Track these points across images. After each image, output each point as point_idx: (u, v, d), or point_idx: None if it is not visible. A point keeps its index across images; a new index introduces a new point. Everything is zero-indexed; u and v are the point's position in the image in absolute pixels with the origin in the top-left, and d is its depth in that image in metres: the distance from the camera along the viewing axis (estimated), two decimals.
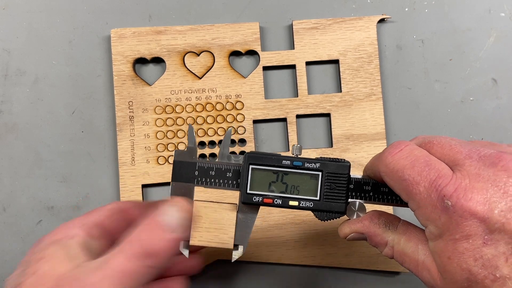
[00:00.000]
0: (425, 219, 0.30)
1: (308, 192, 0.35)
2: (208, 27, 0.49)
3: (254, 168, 0.35)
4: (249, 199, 0.35)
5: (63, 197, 0.48)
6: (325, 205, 0.34)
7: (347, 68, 0.49)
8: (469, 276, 0.28)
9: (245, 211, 0.36)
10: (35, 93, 0.49)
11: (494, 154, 0.29)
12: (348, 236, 0.35)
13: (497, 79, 0.50)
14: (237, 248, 0.36)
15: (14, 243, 0.48)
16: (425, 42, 0.50)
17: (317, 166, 0.34)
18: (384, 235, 0.34)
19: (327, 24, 0.49)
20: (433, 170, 0.30)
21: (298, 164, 0.34)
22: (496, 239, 0.28)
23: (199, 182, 0.35)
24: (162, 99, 0.48)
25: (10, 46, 0.49)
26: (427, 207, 0.29)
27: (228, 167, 0.36)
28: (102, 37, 0.50)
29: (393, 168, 0.31)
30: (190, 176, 0.35)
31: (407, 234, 0.33)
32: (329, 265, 0.48)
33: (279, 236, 0.48)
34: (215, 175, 0.35)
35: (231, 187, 0.35)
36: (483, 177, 0.29)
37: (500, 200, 0.28)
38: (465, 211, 0.28)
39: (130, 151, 0.48)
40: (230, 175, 0.35)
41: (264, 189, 0.35)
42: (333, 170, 0.34)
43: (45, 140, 0.49)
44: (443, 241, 0.29)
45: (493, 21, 0.51)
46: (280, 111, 0.49)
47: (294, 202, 0.35)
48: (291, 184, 0.35)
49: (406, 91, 0.50)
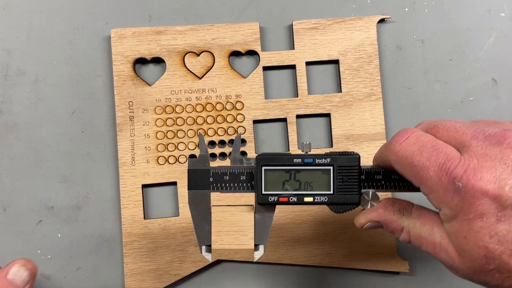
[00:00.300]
0: (438, 202, 0.31)
1: (321, 187, 0.35)
2: (208, 27, 0.49)
3: (266, 169, 0.35)
4: (265, 199, 0.35)
5: (63, 197, 0.48)
6: (340, 198, 0.35)
7: (347, 68, 0.49)
8: (487, 253, 0.29)
9: (262, 212, 0.36)
10: (35, 93, 0.49)
11: (499, 133, 0.30)
12: (364, 226, 0.36)
13: (497, 79, 0.50)
14: (258, 248, 0.37)
15: (14, 243, 0.48)
16: (425, 42, 0.50)
17: (327, 161, 0.35)
18: (399, 221, 0.34)
19: (327, 24, 0.49)
20: (441, 154, 0.30)
21: (309, 161, 0.35)
22: (509, 214, 0.28)
23: (214, 188, 0.36)
24: (162, 99, 0.48)
25: (10, 46, 0.49)
26: (439, 191, 0.30)
27: (241, 171, 0.36)
28: (102, 37, 0.50)
29: (402, 155, 0.32)
30: (206, 183, 0.36)
31: (421, 218, 0.33)
32: (329, 265, 0.48)
33: (279, 236, 0.48)
34: (229, 180, 0.36)
35: (246, 189, 0.36)
36: (491, 156, 0.29)
37: (510, 176, 0.28)
38: (477, 191, 0.29)
39: (130, 151, 0.48)
40: (244, 178, 0.36)
41: (279, 188, 0.35)
42: (343, 164, 0.35)
43: (45, 140, 0.49)
44: (458, 221, 0.30)
45: (493, 21, 0.51)
46: (280, 111, 0.49)
47: (309, 198, 0.35)
48: (304, 181, 0.35)
49: (406, 91, 0.50)
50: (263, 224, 0.37)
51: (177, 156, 0.48)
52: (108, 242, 0.48)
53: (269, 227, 0.37)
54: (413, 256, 0.49)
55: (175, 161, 0.48)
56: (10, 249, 0.48)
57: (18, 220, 0.48)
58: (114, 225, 0.48)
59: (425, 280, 0.49)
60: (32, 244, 0.48)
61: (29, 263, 0.39)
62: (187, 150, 0.48)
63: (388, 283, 0.48)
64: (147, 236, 0.47)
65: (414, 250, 0.49)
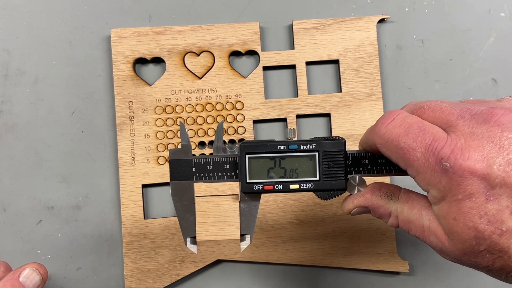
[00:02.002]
0: (426, 184, 0.30)
1: (307, 174, 0.35)
2: (208, 27, 0.49)
3: (250, 157, 0.35)
4: (250, 188, 0.35)
5: (63, 197, 0.48)
6: (326, 184, 0.35)
7: (347, 68, 0.49)
8: (477, 234, 0.29)
9: (247, 201, 0.36)
10: (35, 93, 0.49)
11: (485, 111, 0.29)
12: (352, 211, 0.36)
13: (497, 79, 0.50)
14: (244, 238, 0.36)
15: (14, 243, 0.48)
16: (425, 42, 0.50)
17: (312, 146, 0.35)
18: (387, 206, 0.34)
19: (327, 24, 0.49)
20: (427, 134, 0.30)
21: (294, 147, 0.35)
22: (498, 193, 0.28)
23: (197, 178, 0.35)
24: (162, 99, 0.48)
25: (10, 46, 0.49)
26: (427, 172, 0.30)
27: (225, 159, 0.35)
28: (102, 37, 0.50)
29: (388, 138, 0.31)
30: (188, 173, 0.35)
31: (409, 202, 0.33)
32: (329, 265, 0.48)
33: (279, 236, 0.48)
34: (213, 169, 0.35)
35: (230, 178, 0.35)
36: (478, 135, 0.29)
37: (497, 155, 0.28)
38: (465, 171, 0.28)
39: (130, 151, 0.48)
40: (228, 167, 0.35)
41: (263, 176, 0.35)
42: (329, 149, 0.34)
43: (45, 140, 0.49)
44: (447, 203, 0.29)
45: (493, 21, 0.51)
46: (280, 111, 0.49)
47: (295, 185, 0.35)
48: (290, 168, 0.35)
49: (406, 91, 0.50)
50: (248, 213, 0.36)
51: None
52: (108, 242, 0.48)
53: (255, 216, 0.36)
54: (413, 256, 0.49)
55: None
56: (10, 249, 0.48)
57: (18, 220, 0.48)
58: (114, 225, 0.48)
59: (425, 280, 0.49)
60: (32, 244, 0.48)
61: (41, 268, 0.40)
62: None
63: (388, 283, 0.48)
64: (147, 236, 0.47)
65: (414, 250, 0.49)
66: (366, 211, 0.35)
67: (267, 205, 0.48)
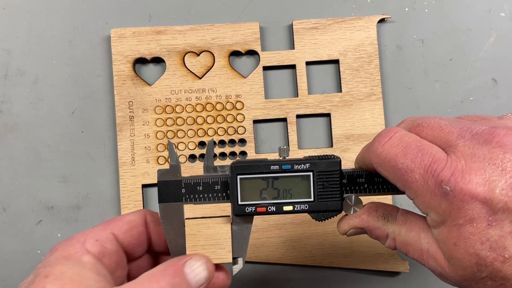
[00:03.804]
0: (425, 207, 0.29)
1: (301, 195, 0.33)
2: (208, 27, 0.49)
3: (242, 178, 0.33)
4: (242, 210, 0.33)
5: (63, 197, 0.48)
6: (321, 205, 0.33)
7: (347, 68, 0.49)
8: (478, 261, 0.28)
9: (239, 223, 0.34)
10: (35, 93, 0.49)
11: (486, 131, 0.28)
12: (347, 233, 0.34)
13: (497, 79, 0.50)
14: (237, 261, 0.35)
15: (14, 243, 0.48)
16: (425, 42, 0.50)
17: (307, 166, 0.33)
18: (384, 228, 0.33)
19: (327, 24, 0.49)
20: (426, 155, 0.28)
21: (287, 167, 0.33)
22: (500, 219, 0.27)
23: (187, 200, 0.34)
24: (162, 99, 0.48)
25: (10, 46, 0.49)
26: (426, 195, 0.28)
27: (216, 180, 0.34)
28: (102, 37, 0.50)
29: (385, 157, 0.30)
30: (178, 194, 0.34)
31: (407, 224, 0.32)
32: (329, 265, 0.48)
33: (279, 236, 0.48)
34: (203, 190, 0.34)
35: (222, 200, 0.34)
36: (479, 156, 0.27)
37: (500, 178, 0.27)
38: (466, 195, 0.27)
39: (130, 151, 0.48)
40: (219, 188, 0.34)
41: (256, 197, 0.33)
42: (324, 168, 0.33)
43: (45, 140, 0.49)
44: (447, 227, 0.28)
45: (493, 21, 0.51)
46: (280, 111, 0.49)
47: (289, 207, 0.33)
48: (283, 188, 0.33)
49: (406, 91, 0.50)
50: (241, 235, 0.34)
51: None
52: None
53: (247, 238, 0.34)
54: None
55: None
56: (10, 249, 0.48)
57: (18, 220, 0.48)
58: None
59: (425, 280, 0.49)
60: (32, 244, 0.48)
61: (210, 264, 0.32)
62: (187, 150, 0.48)
63: (388, 283, 0.48)
64: None
65: None
66: (362, 232, 0.34)
67: None
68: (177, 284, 0.30)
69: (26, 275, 0.48)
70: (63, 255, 0.31)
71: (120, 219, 0.34)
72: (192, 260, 0.31)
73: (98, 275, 0.30)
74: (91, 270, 0.30)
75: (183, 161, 0.48)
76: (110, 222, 0.34)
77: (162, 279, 0.30)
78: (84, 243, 0.32)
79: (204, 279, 0.31)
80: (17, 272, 0.48)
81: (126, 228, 0.34)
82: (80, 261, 0.31)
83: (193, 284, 0.31)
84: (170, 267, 0.31)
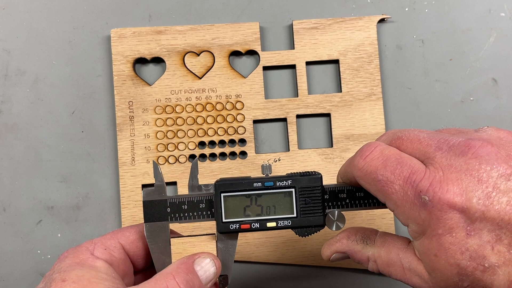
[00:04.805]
0: (405, 218, 0.30)
1: (284, 211, 0.34)
2: (208, 27, 0.49)
3: (226, 196, 0.34)
4: (226, 228, 0.34)
5: (63, 197, 0.48)
6: (303, 221, 0.34)
7: (347, 68, 0.49)
8: (459, 271, 0.28)
9: (224, 240, 0.35)
10: (35, 93, 0.49)
11: (462, 143, 0.29)
12: (331, 258, 0.35)
13: (497, 79, 0.50)
14: (223, 278, 0.35)
15: (14, 243, 0.48)
16: (425, 42, 0.50)
17: (288, 183, 0.34)
18: (363, 251, 0.34)
19: (327, 24, 0.49)
20: (405, 167, 0.29)
21: (270, 184, 0.34)
22: (478, 228, 0.27)
23: (172, 219, 0.34)
24: (162, 99, 0.48)
25: (10, 46, 0.49)
26: (405, 205, 0.29)
27: (200, 198, 0.34)
28: (102, 37, 0.50)
29: (366, 171, 0.31)
30: (163, 214, 0.34)
31: (385, 246, 0.33)
32: (329, 265, 0.48)
33: (279, 236, 0.48)
34: (188, 209, 0.34)
35: (206, 218, 0.34)
36: (456, 167, 0.28)
37: (476, 188, 0.27)
38: (444, 204, 0.28)
39: (130, 151, 0.48)
40: (204, 206, 0.34)
41: (240, 215, 0.34)
42: (305, 185, 0.34)
43: (45, 140, 0.49)
44: (427, 238, 0.29)
45: (493, 21, 0.51)
46: (280, 111, 0.49)
47: (272, 223, 0.34)
48: (266, 205, 0.34)
49: (406, 91, 0.50)
50: (226, 252, 0.35)
51: (177, 156, 0.48)
52: None
53: (232, 255, 0.35)
54: None
55: (175, 161, 0.48)
56: (10, 249, 0.48)
57: (18, 220, 0.48)
58: (114, 225, 0.48)
59: None
60: (32, 244, 0.48)
61: (217, 261, 0.34)
62: (187, 150, 0.48)
63: (388, 283, 0.48)
64: None
65: None
66: (345, 256, 0.35)
67: None
68: (190, 280, 0.32)
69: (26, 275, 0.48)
70: (76, 262, 0.32)
71: (127, 229, 0.36)
72: (200, 258, 0.34)
73: (114, 278, 0.32)
74: (107, 273, 0.32)
75: (183, 161, 0.48)
76: (117, 232, 0.35)
77: (177, 276, 0.31)
78: (93, 251, 0.33)
79: (213, 275, 0.34)
80: (17, 272, 0.48)
81: (133, 239, 0.35)
82: (94, 266, 0.32)
83: (203, 279, 0.33)
84: (182, 265, 0.33)
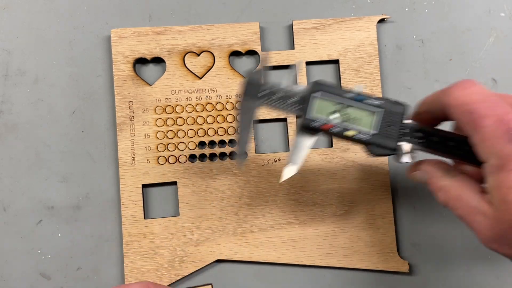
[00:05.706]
0: (487, 152, 0.31)
1: (366, 126, 0.36)
2: (208, 27, 0.49)
3: (317, 96, 0.36)
4: (309, 123, 0.36)
5: (63, 197, 0.48)
6: (380, 140, 0.36)
7: (347, 68, 0.49)
8: None
9: (302, 135, 0.38)
10: (35, 93, 0.49)
11: None
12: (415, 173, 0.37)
13: (497, 79, 0.50)
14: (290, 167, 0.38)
15: (14, 243, 0.48)
16: (425, 42, 0.50)
17: (378, 103, 0.36)
18: (440, 180, 0.35)
19: (327, 24, 0.49)
20: (502, 108, 0.31)
21: (361, 98, 0.36)
22: None
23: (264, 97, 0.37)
24: (162, 99, 0.48)
25: (10, 46, 0.49)
26: (492, 139, 0.30)
27: (293, 92, 0.37)
28: (102, 37, 0.50)
29: (463, 101, 0.32)
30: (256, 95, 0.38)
31: (461, 181, 0.34)
32: (329, 265, 0.48)
33: (279, 236, 0.48)
34: (280, 97, 0.37)
35: (293, 110, 0.37)
36: None
37: None
38: None
39: (130, 151, 0.48)
40: (295, 100, 0.37)
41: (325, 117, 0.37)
42: (391, 109, 0.36)
43: (45, 140, 0.49)
44: (505, 171, 0.30)
45: (493, 21, 0.51)
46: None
47: (351, 132, 0.36)
48: (352, 117, 0.36)
49: (406, 91, 0.50)
50: (300, 147, 0.38)
51: (177, 156, 0.48)
52: (108, 242, 0.48)
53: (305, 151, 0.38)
54: (413, 256, 0.49)
55: (175, 161, 0.48)
56: (10, 249, 0.48)
57: (18, 220, 0.48)
58: (114, 225, 0.48)
59: (425, 280, 0.49)
60: (32, 244, 0.48)
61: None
62: (187, 150, 0.48)
63: (388, 283, 0.48)
64: (147, 236, 0.47)
65: (414, 250, 0.49)
66: (424, 180, 0.36)
67: (267, 205, 0.48)
68: None
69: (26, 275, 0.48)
70: None
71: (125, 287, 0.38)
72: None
73: None
74: None
75: (183, 161, 0.48)
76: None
77: None
78: None
79: None
80: (17, 272, 0.48)
81: None
82: None
83: None
84: None
